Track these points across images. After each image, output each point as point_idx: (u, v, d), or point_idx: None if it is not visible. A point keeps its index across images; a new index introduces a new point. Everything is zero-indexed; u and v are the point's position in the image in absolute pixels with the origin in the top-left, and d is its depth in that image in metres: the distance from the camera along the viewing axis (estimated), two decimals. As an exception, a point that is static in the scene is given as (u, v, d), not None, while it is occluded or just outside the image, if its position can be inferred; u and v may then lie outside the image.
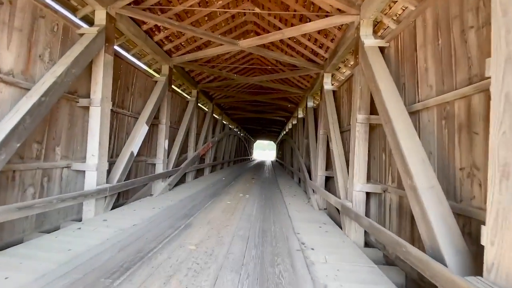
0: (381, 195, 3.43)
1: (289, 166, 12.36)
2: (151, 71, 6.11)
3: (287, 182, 9.03)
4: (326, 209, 5.44)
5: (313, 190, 5.86)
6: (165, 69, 6.01)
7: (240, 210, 4.50)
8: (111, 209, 4.04)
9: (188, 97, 8.24)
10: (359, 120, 3.47)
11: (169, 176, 6.26)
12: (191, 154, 8.09)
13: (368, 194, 3.51)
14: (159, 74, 6.12)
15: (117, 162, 4.42)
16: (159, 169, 5.89)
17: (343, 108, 5.17)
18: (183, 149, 8.11)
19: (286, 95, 8.82)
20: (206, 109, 10.45)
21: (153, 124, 6.00)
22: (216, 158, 12.28)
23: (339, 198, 3.96)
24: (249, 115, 14.13)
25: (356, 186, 3.42)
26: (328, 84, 5.69)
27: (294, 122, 12.13)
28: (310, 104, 7.85)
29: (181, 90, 8.23)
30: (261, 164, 20.38)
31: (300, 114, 10.02)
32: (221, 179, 8.82)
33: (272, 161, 26.02)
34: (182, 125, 7.36)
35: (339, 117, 5.19)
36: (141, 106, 5.41)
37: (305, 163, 7.87)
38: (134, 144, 4.67)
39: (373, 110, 3.34)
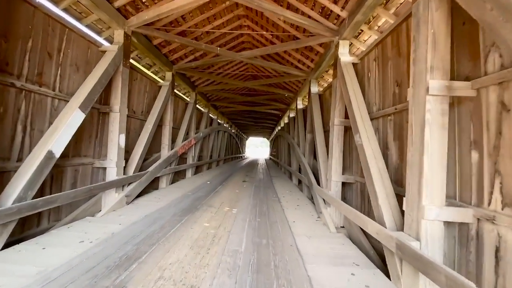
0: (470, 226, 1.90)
1: (285, 165, 10.81)
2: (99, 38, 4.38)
3: (285, 185, 7.47)
4: (343, 227, 3.93)
5: (324, 200, 4.32)
6: (119, 35, 4.31)
7: (223, 240, 2.89)
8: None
9: (161, 81, 6.53)
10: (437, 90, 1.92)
11: (129, 184, 4.59)
12: (165, 153, 6.41)
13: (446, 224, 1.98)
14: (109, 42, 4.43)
15: (20, 169, 2.73)
16: (111, 175, 4.20)
17: (376, 83, 3.61)
18: (155, 147, 6.43)
19: (285, 79, 7.22)
20: (188, 99, 8.76)
21: (103, 112, 4.31)
22: (202, 157, 10.62)
23: (386, 226, 2.40)
24: (239, 107, 12.47)
25: (428, 212, 1.87)
26: (345, 55, 4.12)
27: (292, 115, 10.58)
28: (315, 89, 6.28)
29: (152, 72, 6.52)
30: (254, 163, 18.75)
31: (300, 105, 8.46)
32: (206, 183, 7.18)
33: (265, 159, 24.45)
34: (151, 116, 5.68)
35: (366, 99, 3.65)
36: (78, 84, 3.72)
37: (309, 163, 6.32)
38: (54, 139, 2.97)
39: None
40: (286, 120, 12.58)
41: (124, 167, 4.64)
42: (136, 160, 4.90)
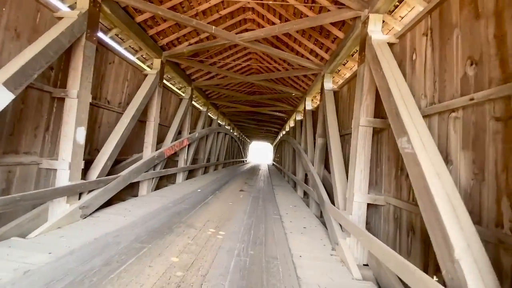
0: None
1: (289, 173, 9.72)
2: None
3: (289, 197, 6.39)
4: (367, 265, 2.85)
5: (341, 226, 3.25)
6: None
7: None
8: None
9: (148, 69, 5.58)
10: None
11: (89, 192, 3.58)
12: (148, 154, 5.41)
13: None
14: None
15: None
16: (62, 179, 3.20)
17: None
18: (138, 147, 5.46)
19: (293, 73, 6.21)
20: (183, 94, 7.80)
21: (59, 98, 3.34)
22: (198, 160, 9.62)
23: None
24: (242, 107, 11.46)
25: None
26: (378, 33, 3.09)
27: (299, 117, 9.55)
28: (329, 85, 5.23)
29: (139, 59, 5.58)
30: (255, 169, 17.64)
31: (309, 106, 7.42)
32: (196, 191, 6.14)
33: (268, 165, 23.33)
34: (130, 108, 4.70)
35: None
36: (16, 55, 2.75)
37: (319, 174, 5.24)
38: None
39: None
40: (291, 123, 11.54)
41: (86, 170, 3.65)
42: (103, 161, 3.90)
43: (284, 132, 15.42)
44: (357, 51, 4.36)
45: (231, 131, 17.47)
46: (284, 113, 11.90)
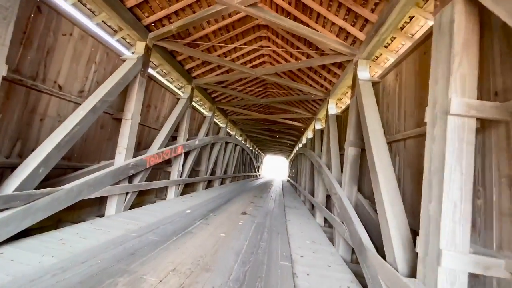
0: None
1: (306, 193, 8.11)
2: None
3: (305, 228, 4.79)
4: None
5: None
6: None
7: None
8: None
9: (129, 53, 4.45)
10: None
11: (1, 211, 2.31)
12: (120, 161, 4.14)
13: None
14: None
15: None
16: None
17: None
18: (109, 151, 4.25)
19: (315, 65, 4.84)
20: (180, 94, 6.64)
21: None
22: (199, 172, 8.31)
23: None
24: (254, 114, 10.15)
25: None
26: (365, 73, 1.72)
27: (318, 126, 8.07)
28: (365, 75, 3.76)
29: (120, 42, 4.49)
30: (267, 184, 15.96)
31: (332, 109, 5.96)
32: (184, 212, 4.73)
33: (282, 182, 21.55)
34: (93, 97, 3.49)
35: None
36: None
37: (351, 199, 3.67)
38: None
39: None
40: (309, 134, 10.04)
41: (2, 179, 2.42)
42: (31, 167, 2.65)
43: (300, 145, 13.88)
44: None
45: (243, 142, 16.20)
46: (301, 122, 10.45)
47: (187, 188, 8.26)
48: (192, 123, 8.00)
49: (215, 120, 10.33)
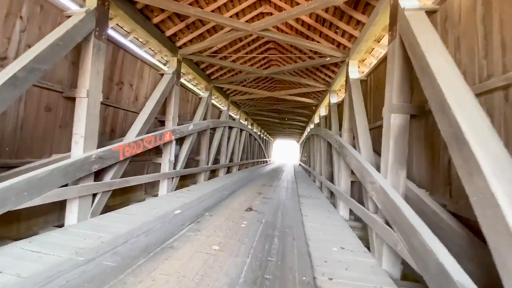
0: None
1: (323, 178, 6.99)
2: None
3: (329, 228, 3.69)
4: None
5: None
6: None
7: None
8: None
9: (77, 7, 3.32)
10: None
11: None
12: (78, 153, 3.11)
13: None
14: None
15: None
16: None
17: None
18: (66, 143, 3.23)
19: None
20: (165, 68, 5.51)
21: None
22: (199, 162, 7.32)
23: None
24: (259, 93, 8.90)
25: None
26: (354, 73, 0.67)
27: (334, 100, 6.81)
28: (413, 1, 2.49)
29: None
30: (278, 170, 14.80)
31: (354, 73, 4.69)
32: (171, 213, 3.72)
33: (294, 166, 20.39)
34: (15, 64, 2.42)
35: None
36: None
37: (400, 190, 2.51)
38: None
39: None
40: (322, 112, 8.76)
41: None
42: None
43: (312, 126, 12.61)
44: None
45: (250, 127, 15.06)
46: (312, 98, 9.14)
47: (187, 180, 7.32)
48: (186, 105, 6.91)
49: (215, 102, 9.21)
